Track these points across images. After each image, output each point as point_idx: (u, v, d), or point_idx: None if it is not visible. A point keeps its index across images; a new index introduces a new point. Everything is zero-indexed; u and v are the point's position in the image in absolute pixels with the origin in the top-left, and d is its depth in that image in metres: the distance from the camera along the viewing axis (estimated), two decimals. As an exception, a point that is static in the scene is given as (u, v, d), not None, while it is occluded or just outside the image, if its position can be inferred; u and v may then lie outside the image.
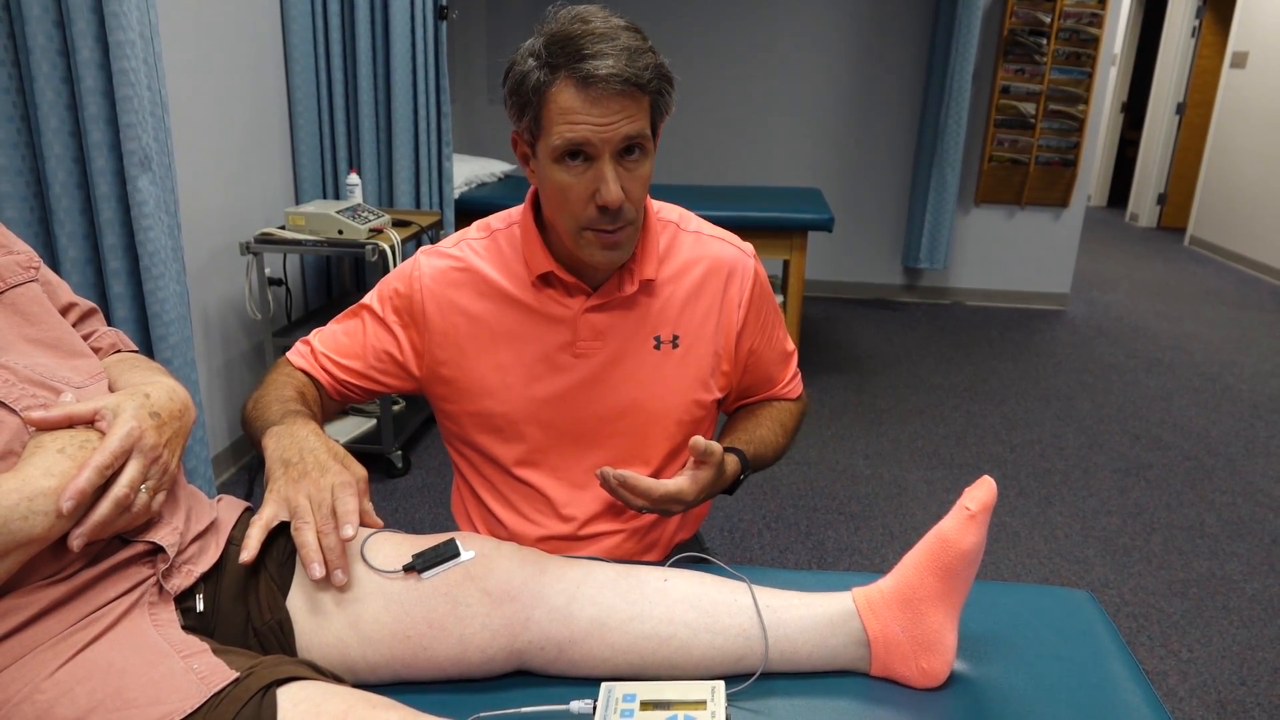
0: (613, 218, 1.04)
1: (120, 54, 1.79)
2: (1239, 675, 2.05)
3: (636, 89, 0.99)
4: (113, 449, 0.79)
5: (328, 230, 2.67)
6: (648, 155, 1.05)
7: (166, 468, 0.85)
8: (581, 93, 0.98)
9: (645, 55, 1.00)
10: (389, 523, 2.56)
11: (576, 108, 0.99)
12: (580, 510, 1.21)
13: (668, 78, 1.04)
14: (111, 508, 0.78)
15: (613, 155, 1.02)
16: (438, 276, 1.17)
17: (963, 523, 0.91)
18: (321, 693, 0.77)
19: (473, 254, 1.18)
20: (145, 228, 1.91)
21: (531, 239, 1.14)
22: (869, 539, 2.59)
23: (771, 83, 4.88)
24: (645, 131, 1.03)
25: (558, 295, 1.15)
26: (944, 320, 4.78)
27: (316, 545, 0.89)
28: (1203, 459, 3.18)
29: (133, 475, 0.80)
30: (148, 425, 0.83)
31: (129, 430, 0.80)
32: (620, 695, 0.88)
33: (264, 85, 2.88)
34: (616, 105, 0.99)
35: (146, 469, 0.82)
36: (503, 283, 1.16)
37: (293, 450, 0.97)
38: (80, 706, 0.73)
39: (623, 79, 0.98)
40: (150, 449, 0.82)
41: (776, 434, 1.26)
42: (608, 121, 0.99)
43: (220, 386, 2.79)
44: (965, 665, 0.98)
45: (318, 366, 1.21)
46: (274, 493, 0.94)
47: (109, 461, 0.78)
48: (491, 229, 1.20)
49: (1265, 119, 6.03)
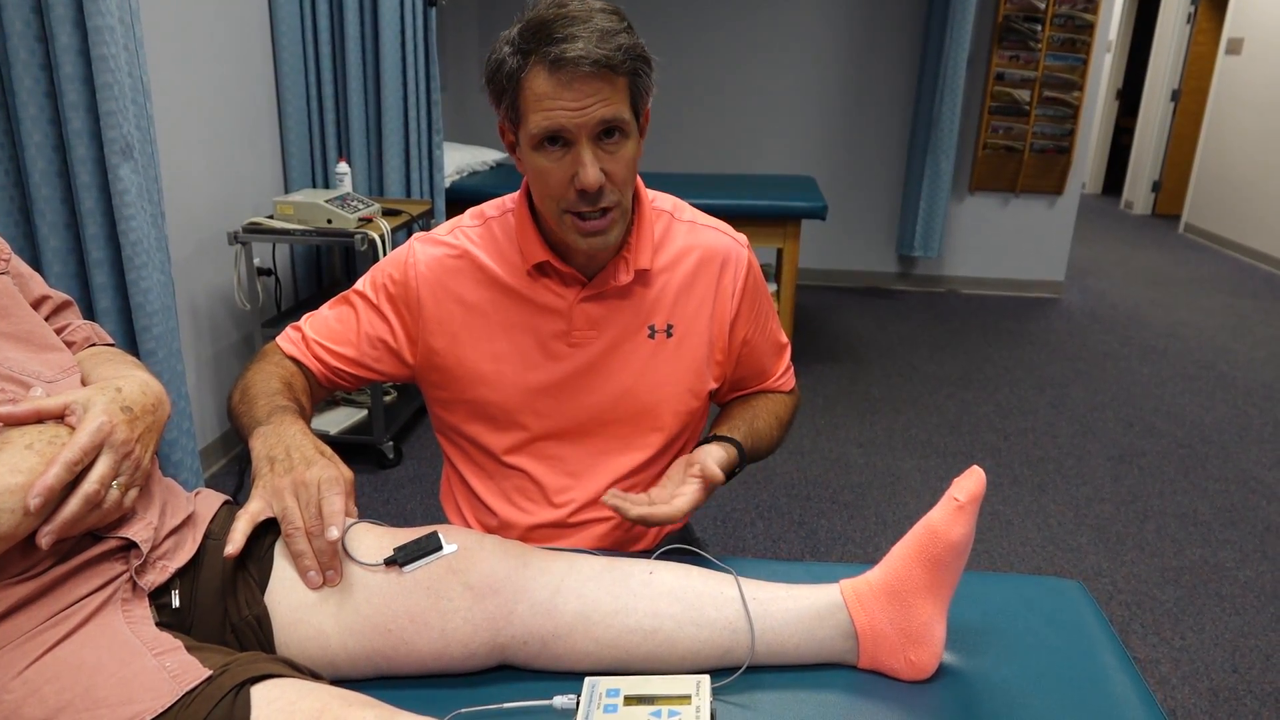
0: (592, 200, 1.03)
1: (99, 39, 1.77)
2: (1231, 662, 2.05)
3: (608, 70, 0.98)
4: (82, 444, 0.77)
5: (317, 219, 2.65)
6: (629, 137, 1.04)
7: (139, 463, 0.83)
8: (553, 77, 0.97)
9: (618, 36, 0.99)
10: (381, 514, 2.55)
11: (549, 92, 0.98)
12: (572, 498, 1.21)
13: (644, 58, 1.02)
14: (81, 504, 0.77)
15: (590, 138, 1.00)
16: (433, 264, 1.16)
17: (951, 514, 0.90)
18: (296, 691, 0.75)
19: (468, 241, 1.17)
20: (127, 217, 1.89)
21: (526, 228, 1.13)
22: (862, 528, 2.58)
23: (765, 70, 4.85)
24: (622, 114, 1.01)
25: (553, 285, 1.15)
26: (938, 308, 4.77)
27: (312, 554, 0.89)
28: (1196, 446, 3.17)
29: (103, 471, 0.78)
30: (119, 420, 0.81)
31: (99, 425, 0.79)
32: (604, 690, 0.86)
33: (251, 73, 2.85)
34: (589, 88, 0.98)
35: (118, 465, 0.80)
36: (498, 271, 1.15)
37: (279, 448, 0.96)
38: (49, 706, 0.72)
39: (592, 61, 0.96)
40: (121, 444, 0.80)
41: (772, 426, 1.25)
42: (581, 105, 0.98)
43: (209, 378, 2.77)
44: (954, 657, 0.97)
45: (309, 354, 1.19)
46: (261, 488, 0.93)
47: (78, 457, 0.77)
48: (486, 216, 1.19)
49: (1260, 106, 6.02)
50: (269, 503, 0.91)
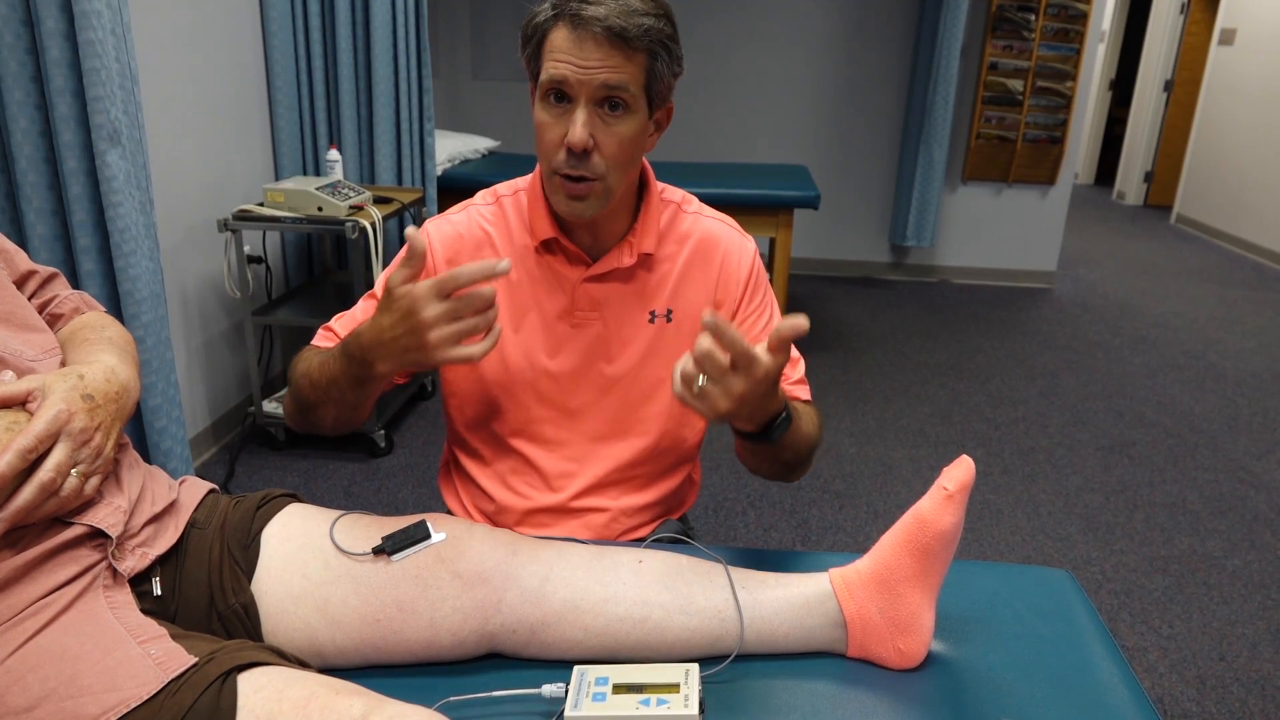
0: (577, 162, 1.04)
1: (86, 24, 1.75)
2: (1218, 651, 2.06)
3: (622, 41, 1.00)
4: (37, 432, 0.76)
5: (307, 207, 2.63)
6: (631, 113, 1.04)
7: (100, 451, 0.82)
8: (571, 33, 1.01)
9: (645, 17, 1.01)
10: (373, 503, 2.55)
11: (563, 47, 1.01)
12: (571, 483, 1.21)
13: (665, 45, 1.04)
14: (35, 492, 0.76)
15: (591, 101, 1.02)
16: (445, 243, 1.18)
17: (940, 503, 0.90)
18: (284, 679, 0.75)
19: (480, 221, 1.19)
20: (115, 204, 1.87)
21: (537, 204, 1.15)
22: (853, 517, 2.58)
23: (758, 59, 4.83)
24: (629, 86, 1.02)
25: (558, 263, 1.16)
26: (930, 298, 4.77)
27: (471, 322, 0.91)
28: (1186, 436, 3.19)
29: (59, 459, 0.78)
30: (78, 408, 0.80)
31: (56, 414, 0.78)
32: (593, 679, 0.86)
33: (241, 59, 2.83)
34: (601, 53, 1.00)
35: (75, 452, 0.79)
36: (506, 250, 1.17)
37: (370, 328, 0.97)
38: (32, 694, 0.71)
39: (608, 27, 0.99)
40: (80, 432, 0.80)
41: (812, 420, 1.18)
42: (588, 65, 1.00)
43: (199, 365, 2.76)
44: (943, 646, 0.97)
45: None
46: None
47: (32, 445, 0.76)
48: (498, 195, 1.21)
49: (1253, 97, 6.02)
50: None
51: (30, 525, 0.78)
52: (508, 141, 4.69)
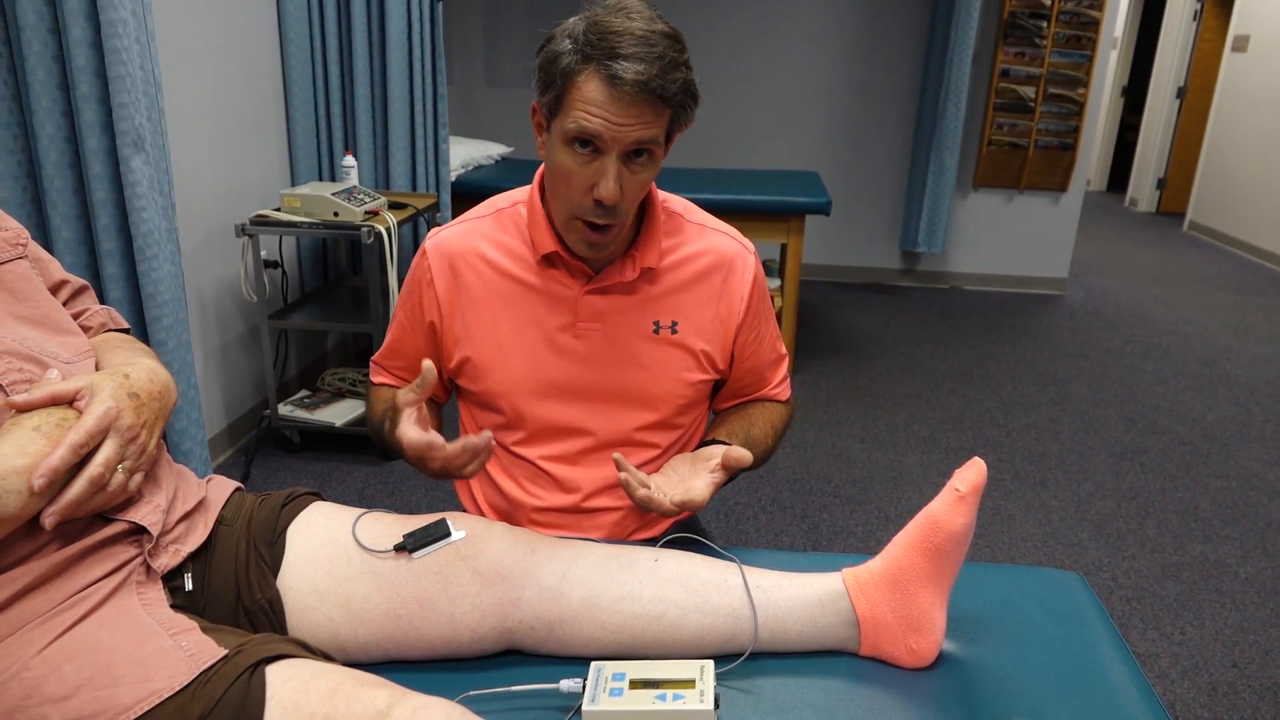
0: (604, 213, 1.05)
1: (112, 32, 1.78)
2: (1230, 658, 2.06)
3: (659, 100, 1.00)
4: (88, 427, 0.79)
5: (323, 212, 2.66)
6: (654, 161, 1.06)
7: (144, 448, 0.84)
8: (605, 89, 0.99)
9: (677, 71, 1.01)
10: (386, 505, 2.57)
11: (597, 101, 1.00)
12: (581, 486, 1.22)
13: (693, 95, 1.05)
14: (85, 486, 0.78)
15: (620, 154, 1.02)
16: (446, 257, 1.19)
17: (952, 504, 0.92)
18: (310, 670, 0.77)
19: (479, 234, 1.20)
20: (139, 209, 1.90)
21: (538, 219, 1.16)
22: (864, 522, 2.59)
23: (770, 65, 4.85)
24: (658, 139, 1.04)
25: (560, 276, 1.17)
26: (941, 304, 4.77)
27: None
28: (1198, 444, 3.18)
29: (108, 455, 0.80)
30: (126, 405, 0.82)
31: (106, 410, 0.80)
32: (610, 674, 0.88)
33: (259, 66, 2.86)
34: (636, 110, 1.00)
35: (123, 448, 0.81)
36: (506, 263, 1.17)
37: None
38: (68, 684, 0.73)
39: (649, 89, 0.98)
40: (127, 429, 0.82)
41: (767, 435, 1.27)
42: (624, 122, 1.00)
43: (216, 369, 2.79)
44: (954, 646, 0.98)
45: (390, 375, 1.29)
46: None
47: (84, 440, 0.78)
48: (497, 208, 1.22)
49: (1266, 104, 6.00)
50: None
51: (74, 521, 0.80)
52: (521, 147, 4.72)
